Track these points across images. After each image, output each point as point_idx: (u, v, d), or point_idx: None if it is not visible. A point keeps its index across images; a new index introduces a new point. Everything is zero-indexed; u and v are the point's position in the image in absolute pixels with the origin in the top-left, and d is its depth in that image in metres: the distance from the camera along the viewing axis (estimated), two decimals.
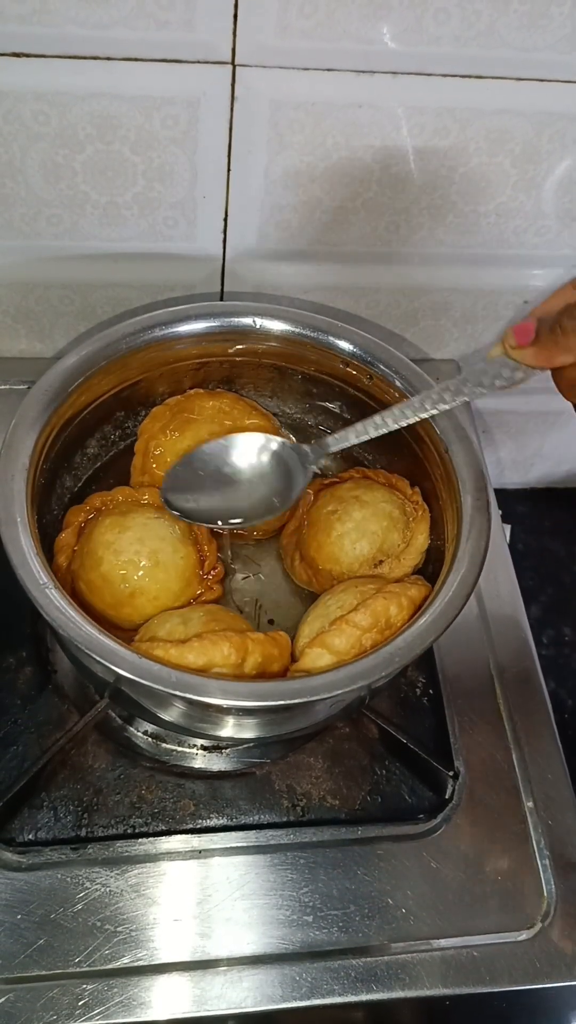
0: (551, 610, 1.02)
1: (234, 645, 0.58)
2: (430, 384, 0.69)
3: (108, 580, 0.64)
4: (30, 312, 0.83)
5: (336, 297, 0.85)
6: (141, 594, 0.65)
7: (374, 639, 0.61)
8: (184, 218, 0.76)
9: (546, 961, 0.61)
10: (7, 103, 0.67)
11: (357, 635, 0.61)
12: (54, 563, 0.67)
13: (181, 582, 0.67)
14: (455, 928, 0.61)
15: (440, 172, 0.75)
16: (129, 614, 0.65)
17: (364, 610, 0.61)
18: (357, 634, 0.61)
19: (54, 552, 0.68)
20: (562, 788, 0.68)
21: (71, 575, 0.67)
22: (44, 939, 0.59)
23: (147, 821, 0.65)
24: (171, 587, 0.66)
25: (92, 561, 0.65)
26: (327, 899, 0.62)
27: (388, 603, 0.62)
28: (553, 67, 0.69)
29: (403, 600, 0.62)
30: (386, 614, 0.61)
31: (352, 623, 0.61)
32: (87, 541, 0.66)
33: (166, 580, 0.66)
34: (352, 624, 0.61)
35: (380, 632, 0.61)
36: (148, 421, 0.74)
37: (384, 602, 0.62)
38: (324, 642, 0.61)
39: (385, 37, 0.65)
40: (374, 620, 0.61)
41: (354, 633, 0.61)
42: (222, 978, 0.58)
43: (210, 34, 0.64)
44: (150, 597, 0.65)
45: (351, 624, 0.61)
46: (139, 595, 0.65)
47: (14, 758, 0.66)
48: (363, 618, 0.61)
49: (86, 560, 0.65)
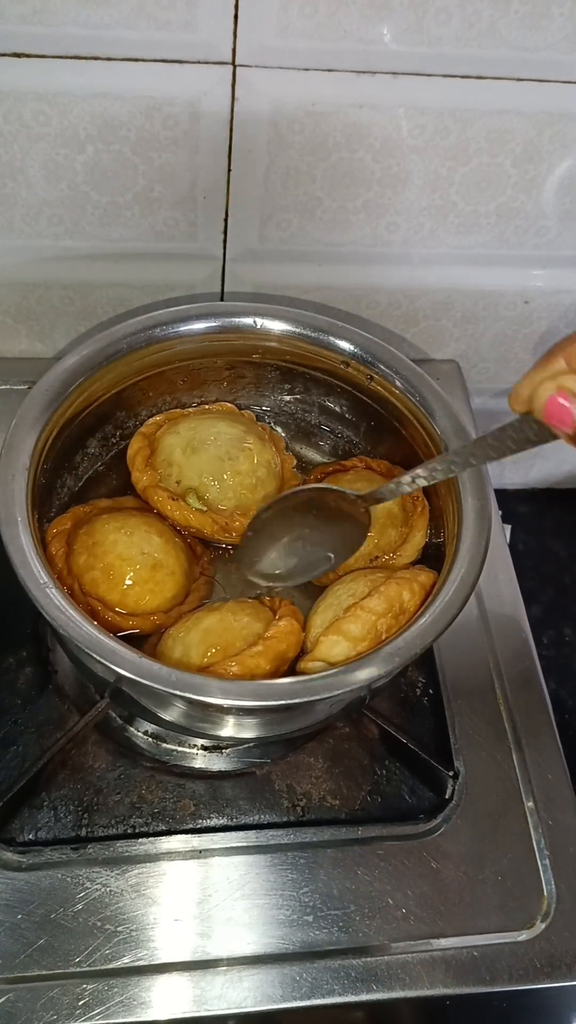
0: (551, 610, 1.02)
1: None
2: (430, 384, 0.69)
3: (126, 559, 0.65)
4: (31, 312, 0.83)
5: (336, 297, 0.85)
6: (161, 567, 0.66)
7: (388, 624, 0.61)
8: (184, 218, 0.76)
9: (546, 961, 0.61)
10: (8, 103, 0.67)
11: (372, 620, 0.61)
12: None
13: (188, 559, 0.69)
14: (455, 928, 0.61)
15: (440, 172, 0.75)
16: (152, 588, 0.66)
17: (378, 596, 0.61)
18: (372, 619, 0.61)
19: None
20: (562, 788, 0.68)
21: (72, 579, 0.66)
22: (44, 939, 0.59)
23: (147, 821, 0.65)
24: (182, 563, 0.68)
25: (103, 549, 0.66)
26: (327, 899, 0.62)
27: (401, 588, 0.62)
28: (554, 67, 0.69)
29: (414, 585, 0.62)
30: (399, 599, 0.61)
31: (367, 609, 0.61)
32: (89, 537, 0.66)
33: (177, 555, 0.68)
34: (367, 610, 0.61)
35: (395, 617, 0.61)
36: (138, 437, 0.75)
37: (397, 587, 0.62)
38: (340, 629, 0.61)
39: (385, 37, 0.65)
40: (388, 605, 0.61)
41: (369, 618, 0.61)
42: (222, 978, 0.58)
43: (211, 34, 0.64)
44: (169, 571, 0.67)
45: (366, 610, 0.61)
46: (159, 568, 0.66)
47: (14, 758, 0.66)
48: (377, 603, 0.61)
49: (96, 550, 0.66)
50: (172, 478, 0.71)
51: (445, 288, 0.86)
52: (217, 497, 0.70)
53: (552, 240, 0.82)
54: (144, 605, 0.66)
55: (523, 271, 0.85)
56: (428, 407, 0.69)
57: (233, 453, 0.71)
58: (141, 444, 0.73)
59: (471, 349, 0.93)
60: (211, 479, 0.70)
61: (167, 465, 0.72)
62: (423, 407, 0.69)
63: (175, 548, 0.68)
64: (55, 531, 0.67)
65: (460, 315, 0.88)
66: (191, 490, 0.71)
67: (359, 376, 0.73)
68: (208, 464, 0.70)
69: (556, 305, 0.89)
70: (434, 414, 0.68)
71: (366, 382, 0.72)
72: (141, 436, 0.74)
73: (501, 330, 0.91)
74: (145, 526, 0.68)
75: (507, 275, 0.85)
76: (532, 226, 0.80)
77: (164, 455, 0.72)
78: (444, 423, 0.68)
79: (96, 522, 0.68)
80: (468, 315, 0.89)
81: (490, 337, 0.91)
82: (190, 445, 0.71)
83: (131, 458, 0.73)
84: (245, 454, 0.71)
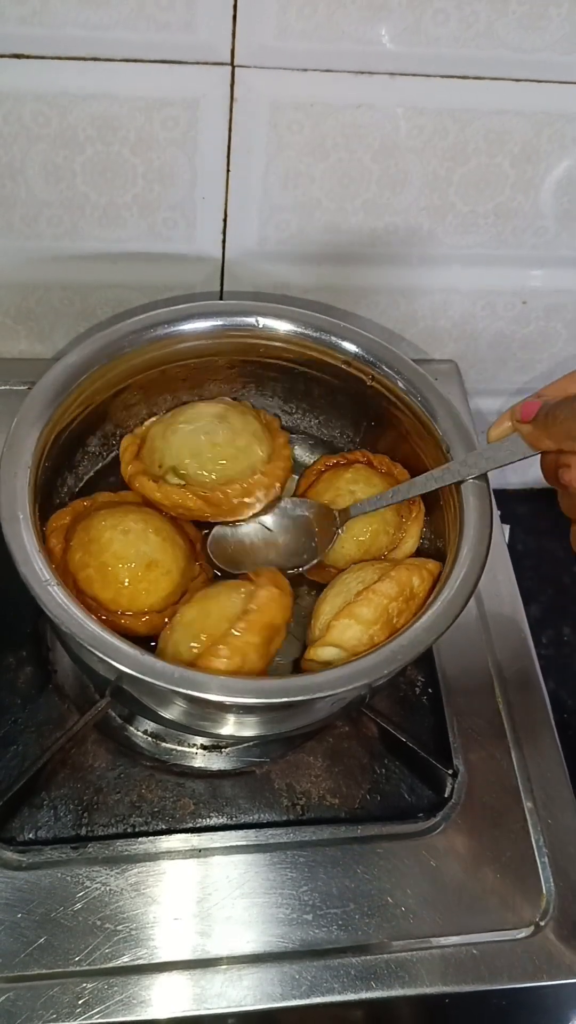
0: (550, 610, 1.02)
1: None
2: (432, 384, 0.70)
3: (121, 557, 0.65)
4: (30, 313, 0.83)
5: (336, 297, 0.85)
6: (156, 566, 0.66)
7: (400, 608, 0.61)
8: (184, 219, 0.76)
9: (545, 959, 0.61)
10: (7, 104, 0.67)
11: (384, 604, 0.61)
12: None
13: (186, 557, 0.69)
14: (455, 926, 0.61)
15: (439, 172, 0.75)
16: (146, 587, 0.65)
17: (389, 580, 0.62)
18: (384, 602, 0.61)
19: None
20: (561, 787, 0.68)
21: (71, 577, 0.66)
22: (44, 938, 0.59)
23: (147, 820, 0.65)
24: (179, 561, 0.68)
25: (98, 547, 0.65)
26: (327, 897, 0.62)
27: (411, 573, 0.62)
28: (551, 68, 0.69)
29: (423, 572, 0.63)
30: (410, 583, 0.62)
31: (378, 592, 0.61)
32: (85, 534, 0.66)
33: (174, 553, 0.67)
34: (379, 593, 0.61)
35: (405, 601, 0.61)
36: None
37: (407, 572, 0.62)
38: (352, 612, 0.61)
39: (384, 38, 0.66)
40: (400, 589, 0.61)
41: (381, 601, 0.61)
42: (222, 976, 0.58)
43: (210, 35, 0.64)
44: (164, 570, 0.66)
45: (378, 593, 0.61)
46: (154, 567, 0.66)
47: (14, 757, 0.66)
48: (389, 587, 0.61)
49: (91, 547, 0.65)
50: (155, 463, 0.71)
51: (443, 288, 0.86)
52: (196, 470, 0.69)
53: (550, 240, 0.82)
54: (138, 604, 0.65)
55: (521, 271, 0.85)
56: (429, 407, 0.69)
57: (210, 428, 0.70)
58: (131, 441, 0.74)
59: (469, 349, 0.93)
60: (189, 454, 0.69)
61: (151, 452, 0.71)
62: (424, 407, 0.69)
63: (172, 546, 0.68)
64: (54, 525, 0.67)
65: (458, 315, 0.89)
66: (171, 468, 0.70)
67: (360, 376, 0.73)
68: (185, 440, 0.70)
69: (554, 305, 0.89)
70: (435, 414, 0.69)
71: (367, 382, 0.73)
72: (132, 436, 0.74)
73: (499, 330, 0.91)
74: (143, 523, 0.67)
75: (505, 275, 0.85)
76: (530, 226, 0.81)
77: (149, 443, 0.72)
78: (445, 423, 0.68)
79: (94, 518, 0.67)
80: (466, 315, 0.89)
81: (488, 337, 0.92)
82: (170, 428, 0.71)
83: (121, 453, 0.73)
84: (224, 426, 0.70)
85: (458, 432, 0.67)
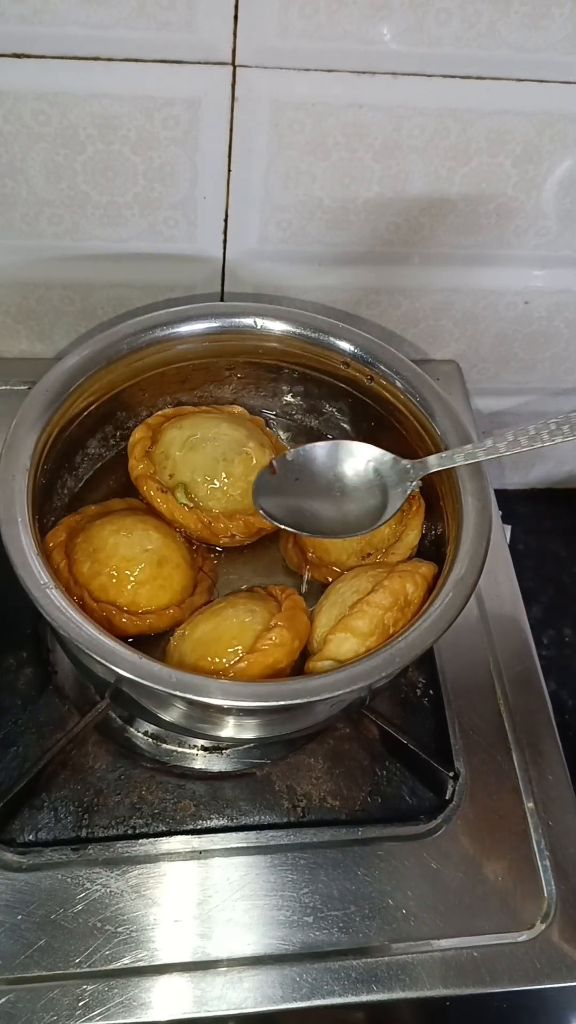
0: (551, 611, 1.02)
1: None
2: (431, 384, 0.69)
3: (131, 560, 0.65)
4: (31, 312, 0.83)
5: (336, 297, 0.85)
6: (167, 561, 0.66)
7: (395, 617, 0.61)
8: (185, 218, 0.76)
9: (546, 962, 0.60)
10: (8, 103, 0.67)
11: (379, 615, 0.61)
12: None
13: (189, 551, 0.69)
14: (455, 929, 0.61)
15: (440, 172, 0.75)
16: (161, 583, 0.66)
17: (382, 590, 0.62)
18: (379, 614, 0.61)
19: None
20: (562, 789, 0.68)
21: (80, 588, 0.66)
22: (44, 940, 0.58)
23: (147, 822, 0.65)
24: (185, 555, 0.68)
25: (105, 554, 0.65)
26: (327, 900, 0.62)
27: (404, 581, 0.62)
28: (554, 68, 0.69)
29: (417, 577, 0.63)
30: (404, 591, 0.62)
31: (373, 603, 0.61)
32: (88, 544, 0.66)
33: (179, 548, 0.68)
34: (373, 604, 0.61)
35: (400, 610, 0.61)
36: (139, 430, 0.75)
37: (400, 580, 0.62)
38: (347, 626, 0.61)
39: (386, 38, 0.65)
40: (394, 598, 0.61)
41: (376, 613, 0.61)
42: (222, 979, 0.58)
43: (211, 35, 0.64)
44: (174, 564, 0.67)
45: (372, 605, 0.61)
46: (165, 562, 0.66)
47: (14, 759, 0.66)
48: (383, 597, 0.61)
49: (98, 555, 0.65)
50: (166, 471, 0.71)
51: (445, 288, 0.86)
52: (206, 496, 0.70)
53: (552, 240, 0.82)
54: (157, 601, 0.66)
55: (523, 271, 0.85)
56: (428, 407, 0.69)
57: (230, 455, 0.70)
58: (144, 434, 0.73)
59: (471, 349, 0.93)
60: (203, 478, 0.70)
61: (164, 458, 0.72)
62: (423, 407, 0.69)
63: (175, 541, 0.68)
64: (51, 544, 0.67)
65: (460, 315, 0.88)
66: (181, 485, 0.70)
67: (359, 376, 0.73)
68: (203, 462, 0.70)
69: (556, 305, 0.89)
70: (434, 414, 0.69)
71: (366, 382, 0.72)
72: (146, 426, 0.74)
73: (501, 330, 0.91)
74: (141, 524, 0.68)
75: (507, 275, 0.85)
76: (532, 226, 0.80)
77: (163, 447, 0.72)
78: (444, 423, 0.68)
79: (92, 528, 0.67)
80: (468, 315, 0.89)
81: (490, 337, 0.91)
82: (189, 441, 0.71)
83: (131, 446, 0.73)
84: (242, 458, 0.71)
85: (457, 431, 0.67)
